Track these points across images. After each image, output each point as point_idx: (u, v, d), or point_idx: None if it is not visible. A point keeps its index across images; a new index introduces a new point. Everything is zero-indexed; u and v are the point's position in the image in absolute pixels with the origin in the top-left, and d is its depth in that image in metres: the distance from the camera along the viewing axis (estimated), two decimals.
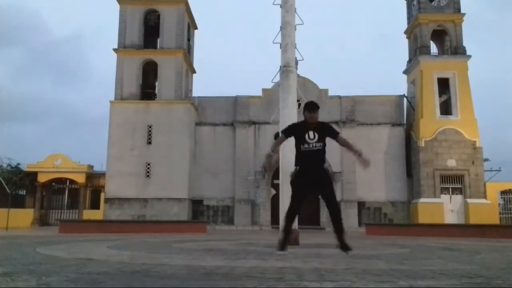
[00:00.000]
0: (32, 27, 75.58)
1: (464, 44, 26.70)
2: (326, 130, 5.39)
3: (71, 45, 79.08)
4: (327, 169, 5.42)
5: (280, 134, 5.52)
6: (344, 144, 5.40)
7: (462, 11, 27.11)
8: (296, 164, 5.38)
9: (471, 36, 65.80)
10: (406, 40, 29.79)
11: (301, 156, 5.32)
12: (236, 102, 27.69)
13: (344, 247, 5.22)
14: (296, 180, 5.33)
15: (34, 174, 25.81)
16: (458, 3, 27.25)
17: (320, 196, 5.38)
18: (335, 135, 5.37)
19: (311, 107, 5.40)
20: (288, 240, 5.49)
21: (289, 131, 5.49)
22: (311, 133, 5.31)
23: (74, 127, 75.26)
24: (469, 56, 26.39)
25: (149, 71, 27.33)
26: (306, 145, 5.28)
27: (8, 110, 65.53)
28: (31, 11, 76.07)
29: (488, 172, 26.08)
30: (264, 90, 27.51)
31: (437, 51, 28.33)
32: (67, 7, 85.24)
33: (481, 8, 73.87)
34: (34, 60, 76.76)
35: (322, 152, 5.30)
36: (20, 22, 73.25)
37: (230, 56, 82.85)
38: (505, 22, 79.16)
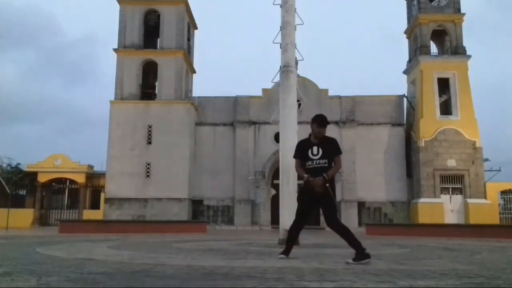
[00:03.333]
0: (46, 29, 76.61)
1: (470, 44, 26.85)
2: (330, 145, 5.07)
3: (83, 47, 79.93)
4: (328, 188, 5.02)
5: (295, 160, 5.32)
6: (335, 164, 5.09)
7: (468, 11, 27.25)
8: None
9: (477, 36, 65.88)
10: (406, 40, 29.80)
11: (306, 173, 5.05)
12: (236, 102, 27.69)
13: (364, 255, 4.73)
14: (301, 197, 5.24)
15: (34, 174, 25.80)
16: (458, 3, 27.25)
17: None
18: (337, 153, 5.07)
19: (322, 122, 5.07)
20: (291, 247, 5.42)
21: (299, 153, 5.21)
22: (314, 148, 5.04)
23: (79, 127, 75.85)
24: (469, 56, 26.39)
25: (149, 71, 27.33)
26: (310, 162, 5.03)
27: (15, 110, 66.10)
28: (46, 13, 77.00)
29: (488, 172, 26.09)
30: (264, 90, 27.51)
31: (437, 51, 28.33)
32: (82, 9, 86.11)
33: (487, 8, 74.08)
34: (45, 61, 77.83)
35: (327, 170, 4.95)
36: (35, 24, 74.16)
37: (230, 56, 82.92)
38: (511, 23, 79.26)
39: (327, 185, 5.00)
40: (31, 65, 75.45)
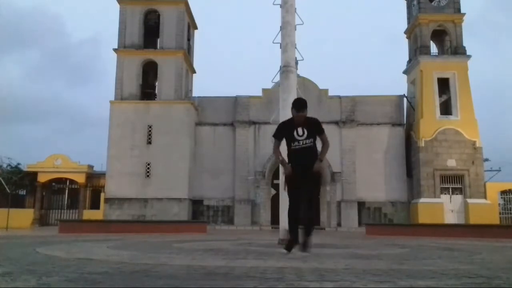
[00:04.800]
0: (51, 30, 77.17)
1: (470, 44, 26.94)
2: (313, 125, 5.18)
3: (87, 47, 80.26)
4: (319, 171, 5.14)
5: (273, 140, 5.33)
6: (323, 144, 5.20)
7: (469, 11, 27.23)
8: (288, 162, 5.26)
9: (477, 36, 65.87)
10: (406, 40, 29.80)
11: (291, 154, 5.16)
12: (236, 102, 27.70)
13: (304, 246, 5.11)
14: (288, 178, 5.21)
15: (34, 174, 25.82)
16: (458, 3, 27.27)
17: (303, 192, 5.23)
18: (319, 132, 5.18)
19: (298, 106, 5.15)
20: (295, 241, 5.27)
21: (279, 133, 5.29)
22: (299, 129, 5.11)
23: (79, 127, 76.02)
24: (469, 56, 26.41)
25: (149, 71, 27.34)
26: (296, 143, 5.10)
27: (16, 110, 66.22)
28: (51, 14, 77.46)
29: (488, 172, 26.14)
30: (264, 90, 27.52)
31: (437, 51, 28.35)
32: (87, 10, 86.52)
33: (488, 9, 74.13)
34: (50, 62, 78.01)
35: (313, 149, 5.11)
36: (39, 25, 74.67)
37: (230, 56, 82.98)
38: None
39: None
40: (35, 66, 75.75)
